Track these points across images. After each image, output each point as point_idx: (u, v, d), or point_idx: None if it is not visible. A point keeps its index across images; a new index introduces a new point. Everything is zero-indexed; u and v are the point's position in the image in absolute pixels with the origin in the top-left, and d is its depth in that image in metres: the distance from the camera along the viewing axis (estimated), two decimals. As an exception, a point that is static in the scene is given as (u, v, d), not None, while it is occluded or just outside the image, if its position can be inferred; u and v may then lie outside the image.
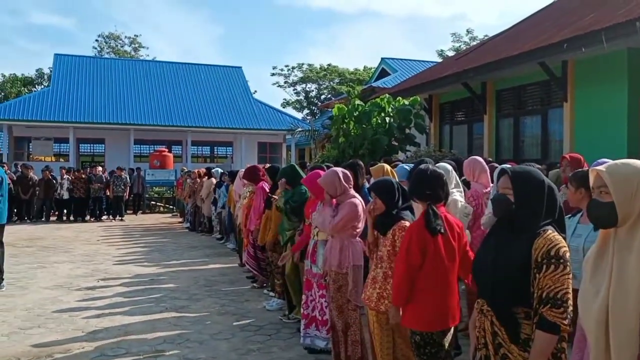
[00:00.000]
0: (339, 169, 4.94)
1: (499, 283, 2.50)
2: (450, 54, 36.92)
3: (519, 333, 2.46)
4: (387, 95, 12.67)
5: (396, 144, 12.17)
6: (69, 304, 7.17)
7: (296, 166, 6.70)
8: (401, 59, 27.67)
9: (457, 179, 5.42)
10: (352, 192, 4.85)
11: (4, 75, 49.68)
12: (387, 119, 11.79)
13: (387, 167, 5.84)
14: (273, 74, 50.93)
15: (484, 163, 5.89)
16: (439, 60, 33.25)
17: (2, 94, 46.95)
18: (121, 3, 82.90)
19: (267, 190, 7.27)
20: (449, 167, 5.15)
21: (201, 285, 8.39)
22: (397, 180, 4.50)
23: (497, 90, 12.02)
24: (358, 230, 4.67)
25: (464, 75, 11.59)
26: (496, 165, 6.62)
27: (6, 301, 7.29)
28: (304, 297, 5.35)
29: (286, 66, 51.19)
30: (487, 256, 2.60)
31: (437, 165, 4.90)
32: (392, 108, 12.05)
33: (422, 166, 3.70)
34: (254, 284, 8.29)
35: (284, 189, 6.28)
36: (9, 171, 17.10)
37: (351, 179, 4.91)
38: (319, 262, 5.01)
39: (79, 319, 6.46)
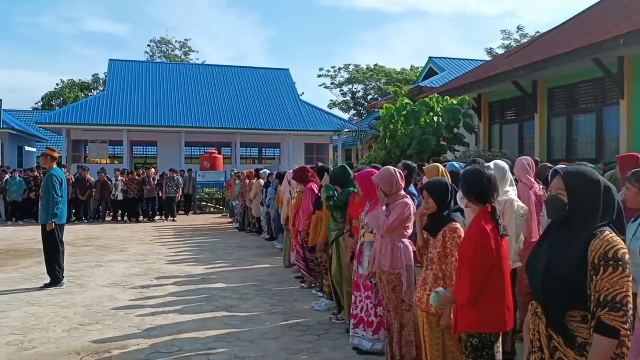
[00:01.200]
0: (394, 168, 4.92)
1: (551, 286, 2.44)
2: (500, 52, 36.17)
3: (574, 337, 2.39)
4: (436, 94, 12.53)
5: (445, 144, 12.02)
6: (124, 302, 7.41)
7: (347, 167, 6.73)
8: (449, 58, 27.29)
9: (512, 178, 5.29)
10: (403, 192, 4.83)
11: (62, 81, 51.92)
12: (436, 118, 11.65)
13: (441, 167, 5.76)
14: (320, 76, 50.98)
15: (526, 163, 5.78)
16: (488, 58, 32.61)
17: (61, 99, 48.97)
18: (172, 8, 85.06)
19: (317, 191, 7.32)
20: (507, 167, 4.99)
21: (251, 285, 8.52)
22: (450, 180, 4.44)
23: (548, 89, 11.70)
24: (409, 230, 4.64)
25: (514, 74, 11.34)
26: (549, 165, 6.46)
27: (66, 298, 7.61)
28: (353, 297, 5.37)
29: (333, 67, 51.48)
30: (541, 258, 2.54)
31: (494, 163, 4.82)
32: (440, 108, 11.91)
33: (480, 167, 3.61)
34: (303, 284, 8.35)
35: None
36: (68, 173, 17.80)
37: (404, 179, 4.89)
38: (364, 263, 5.01)
39: (134, 317, 6.66)
